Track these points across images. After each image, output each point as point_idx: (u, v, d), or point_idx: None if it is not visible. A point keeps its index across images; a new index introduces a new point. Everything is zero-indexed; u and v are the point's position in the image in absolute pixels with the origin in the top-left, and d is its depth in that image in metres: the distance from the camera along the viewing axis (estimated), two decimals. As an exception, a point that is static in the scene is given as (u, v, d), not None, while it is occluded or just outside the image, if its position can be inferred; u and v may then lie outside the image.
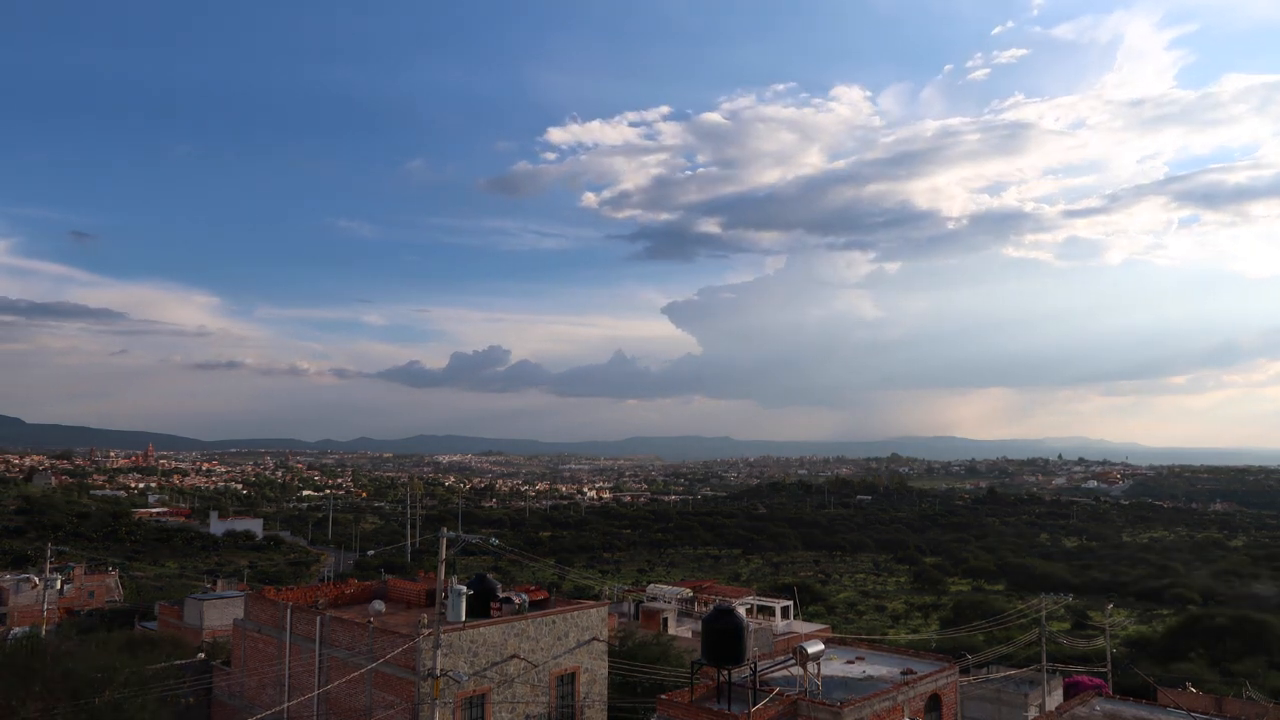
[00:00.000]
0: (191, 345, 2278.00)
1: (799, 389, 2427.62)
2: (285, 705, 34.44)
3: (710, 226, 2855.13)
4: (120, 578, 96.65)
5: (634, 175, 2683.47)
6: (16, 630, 65.04)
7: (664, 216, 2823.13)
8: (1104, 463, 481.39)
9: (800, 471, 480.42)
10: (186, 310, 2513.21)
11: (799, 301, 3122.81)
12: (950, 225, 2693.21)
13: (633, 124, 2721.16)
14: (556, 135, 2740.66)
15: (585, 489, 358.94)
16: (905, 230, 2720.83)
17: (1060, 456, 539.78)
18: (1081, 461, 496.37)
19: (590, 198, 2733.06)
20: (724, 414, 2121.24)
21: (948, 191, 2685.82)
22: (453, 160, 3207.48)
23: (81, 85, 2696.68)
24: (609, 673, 36.25)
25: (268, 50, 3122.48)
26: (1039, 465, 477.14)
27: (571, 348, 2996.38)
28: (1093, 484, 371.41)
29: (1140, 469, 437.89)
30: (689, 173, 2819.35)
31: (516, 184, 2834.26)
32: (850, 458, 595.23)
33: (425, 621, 30.12)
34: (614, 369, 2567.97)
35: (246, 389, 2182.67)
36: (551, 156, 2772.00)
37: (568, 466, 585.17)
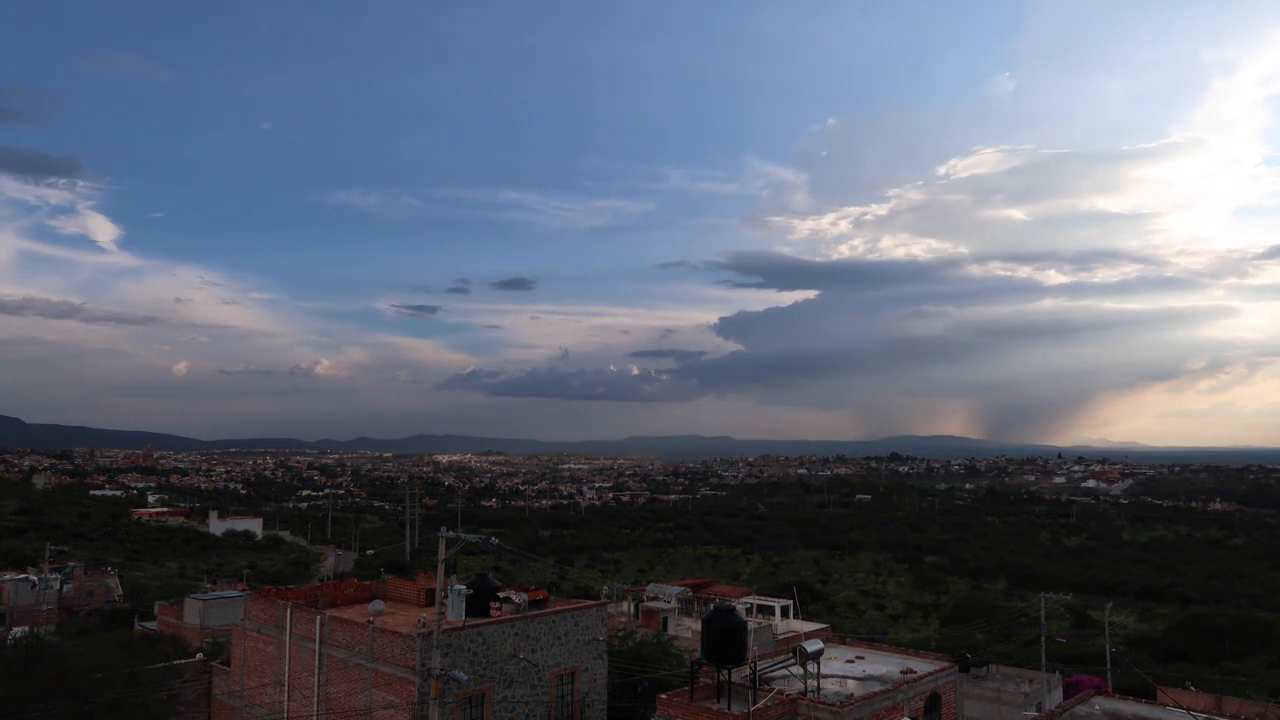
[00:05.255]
0: (193, 343, 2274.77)
1: (800, 389, 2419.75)
2: (285, 705, 34.46)
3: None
4: (120, 578, 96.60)
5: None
6: (16, 630, 65.05)
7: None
8: (1104, 462, 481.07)
9: (800, 471, 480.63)
10: (188, 304, 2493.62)
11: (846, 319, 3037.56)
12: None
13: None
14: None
15: (585, 489, 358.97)
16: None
17: (1060, 456, 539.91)
18: (1081, 461, 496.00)
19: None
20: (723, 413, 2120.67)
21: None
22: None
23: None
24: (609, 672, 36.25)
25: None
26: (1039, 465, 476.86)
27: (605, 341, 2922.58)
28: (1092, 483, 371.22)
29: (1140, 468, 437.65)
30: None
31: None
32: (850, 457, 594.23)
33: (425, 621, 30.12)
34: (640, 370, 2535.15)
35: (248, 388, 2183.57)
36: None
37: (567, 466, 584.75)
